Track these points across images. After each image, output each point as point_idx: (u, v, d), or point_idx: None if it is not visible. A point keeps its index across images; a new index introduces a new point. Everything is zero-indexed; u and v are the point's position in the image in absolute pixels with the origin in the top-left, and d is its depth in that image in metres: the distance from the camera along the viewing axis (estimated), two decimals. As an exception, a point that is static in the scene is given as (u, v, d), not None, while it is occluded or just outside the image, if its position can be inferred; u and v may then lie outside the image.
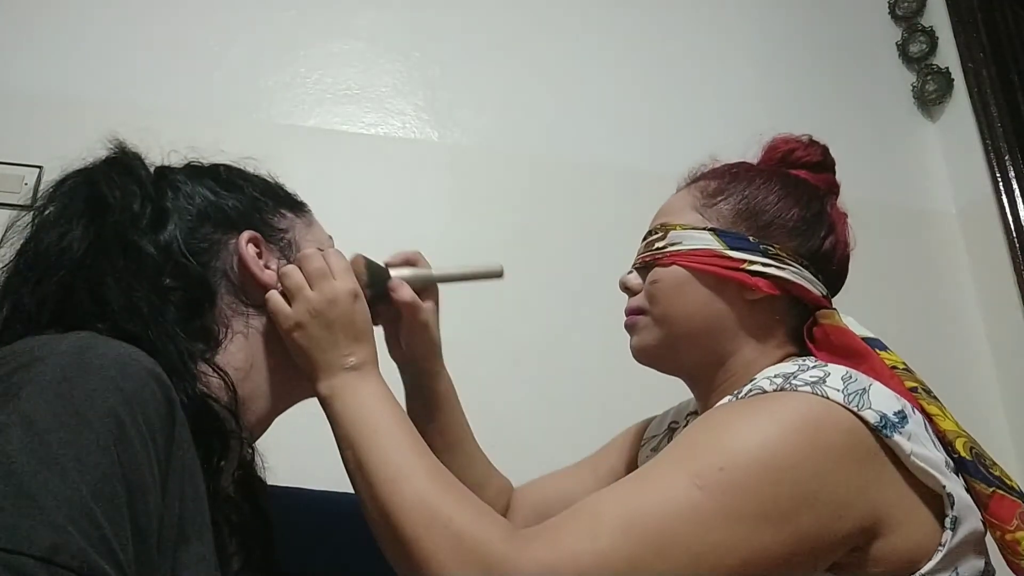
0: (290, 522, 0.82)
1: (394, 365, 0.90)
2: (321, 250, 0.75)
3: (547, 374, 1.56)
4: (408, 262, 0.87)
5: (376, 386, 0.73)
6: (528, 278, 1.63)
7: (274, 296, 0.72)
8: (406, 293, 0.83)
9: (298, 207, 0.82)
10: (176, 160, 0.79)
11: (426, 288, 0.87)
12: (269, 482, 0.82)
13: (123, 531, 0.46)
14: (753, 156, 0.92)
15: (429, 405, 0.90)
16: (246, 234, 0.73)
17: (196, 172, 0.77)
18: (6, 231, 0.67)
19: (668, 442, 0.95)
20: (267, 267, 0.74)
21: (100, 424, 0.47)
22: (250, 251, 0.73)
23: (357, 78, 1.70)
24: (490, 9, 1.85)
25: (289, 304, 0.72)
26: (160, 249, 0.67)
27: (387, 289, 0.82)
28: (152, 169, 0.75)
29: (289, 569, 0.81)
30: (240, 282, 0.72)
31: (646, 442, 0.98)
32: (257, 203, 0.77)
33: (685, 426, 0.94)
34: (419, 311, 0.84)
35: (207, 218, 0.72)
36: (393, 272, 0.84)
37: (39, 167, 1.43)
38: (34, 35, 1.54)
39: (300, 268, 0.73)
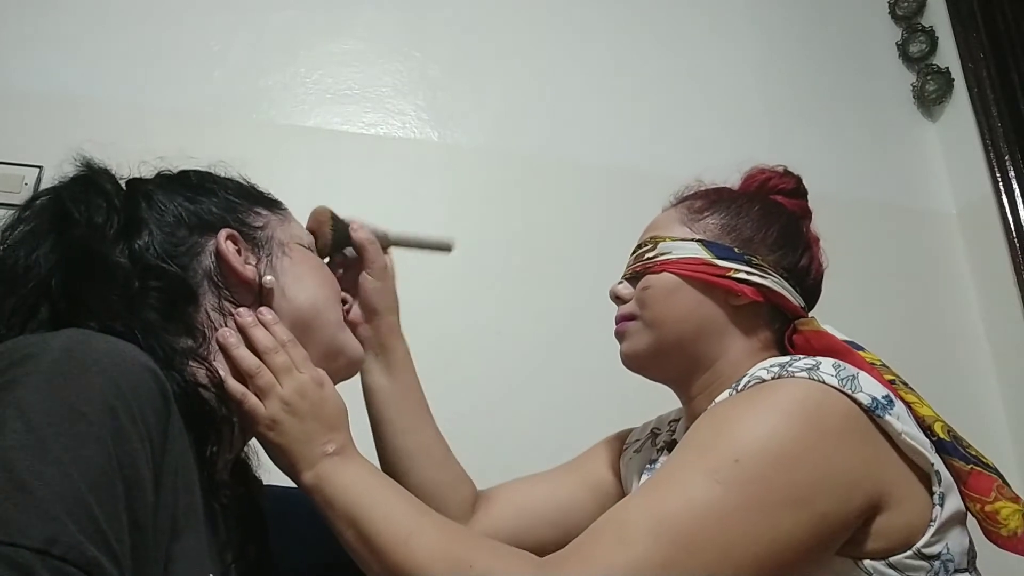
0: (288, 522, 0.82)
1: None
2: (284, 343, 0.74)
3: (546, 374, 1.56)
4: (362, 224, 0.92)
5: (362, 465, 0.74)
6: (527, 278, 1.63)
7: (249, 397, 0.71)
8: (366, 233, 0.89)
9: (273, 205, 0.83)
10: (147, 169, 0.80)
11: (385, 247, 0.92)
12: (268, 482, 0.82)
13: (119, 524, 0.46)
14: (732, 184, 0.97)
15: (388, 363, 0.91)
16: (223, 232, 0.74)
17: (167, 180, 0.78)
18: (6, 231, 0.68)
19: (651, 444, 0.98)
20: (247, 263, 0.74)
21: (96, 418, 0.48)
22: (229, 247, 0.73)
23: (357, 78, 1.70)
24: (490, 10, 1.85)
25: (262, 402, 0.72)
26: (132, 257, 0.68)
27: (347, 235, 0.88)
28: (124, 182, 0.76)
29: (287, 569, 0.81)
30: (222, 281, 0.73)
31: (628, 446, 1.01)
32: (231, 204, 0.78)
33: (669, 432, 0.97)
34: (379, 254, 0.90)
35: (182, 223, 0.73)
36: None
37: (39, 167, 1.43)
38: (34, 35, 1.54)
39: (265, 363, 0.72)
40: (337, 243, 0.88)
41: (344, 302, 0.86)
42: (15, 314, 0.62)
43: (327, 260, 0.89)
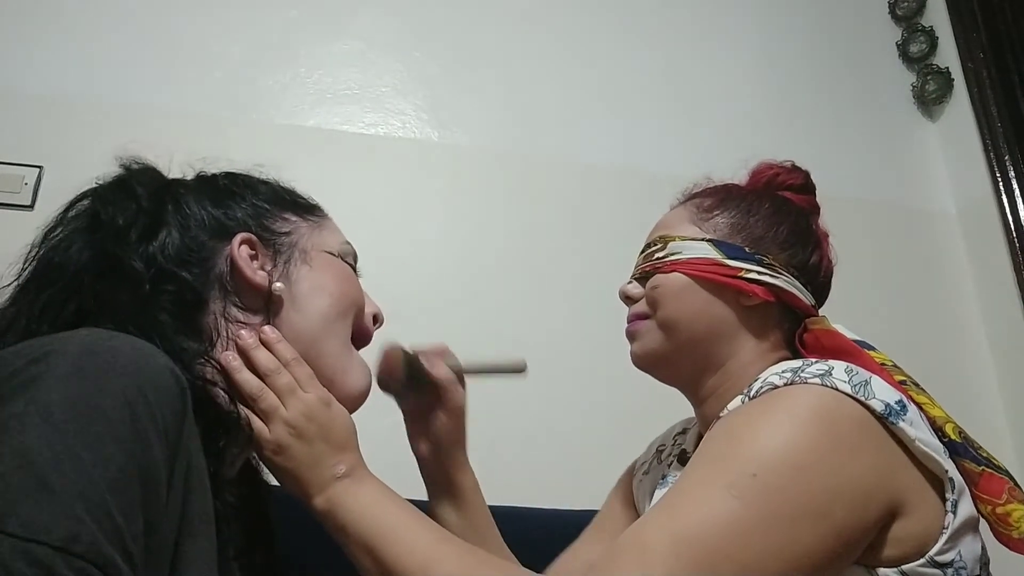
0: (294, 524, 0.81)
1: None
2: (290, 360, 0.73)
3: (547, 374, 1.55)
4: (436, 353, 0.86)
5: (374, 486, 0.73)
6: (528, 278, 1.63)
7: (253, 421, 0.70)
8: (444, 371, 0.83)
9: (306, 210, 0.82)
10: (199, 162, 0.81)
11: (459, 377, 0.86)
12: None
13: (135, 524, 0.47)
14: (740, 180, 0.96)
15: (456, 499, 0.86)
16: (239, 236, 0.74)
17: (200, 183, 0.79)
18: (34, 249, 0.71)
19: (657, 463, 0.97)
20: (262, 269, 0.74)
21: (115, 416, 0.48)
22: (243, 252, 0.73)
23: (357, 78, 1.70)
24: (490, 10, 1.85)
25: (267, 426, 0.71)
26: (146, 260, 0.69)
27: (423, 372, 0.82)
28: (161, 182, 0.77)
29: (293, 571, 0.80)
30: (233, 286, 0.73)
31: (636, 472, 1.00)
32: (256, 209, 0.78)
33: (675, 445, 0.97)
34: (457, 391, 0.84)
35: (202, 227, 0.74)
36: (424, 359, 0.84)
37: (39, 167, 1.43)
38: (34, 35, 1.54)
39: (268, 385, 0.71)
40: (412, 381, 0.83)
41: (376, 320, 0.84)
42: (46, 310, 0.65)
43: (398, 396, 0.86)
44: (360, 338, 0.81)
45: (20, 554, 0.40)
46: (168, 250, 0.71)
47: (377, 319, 0.84)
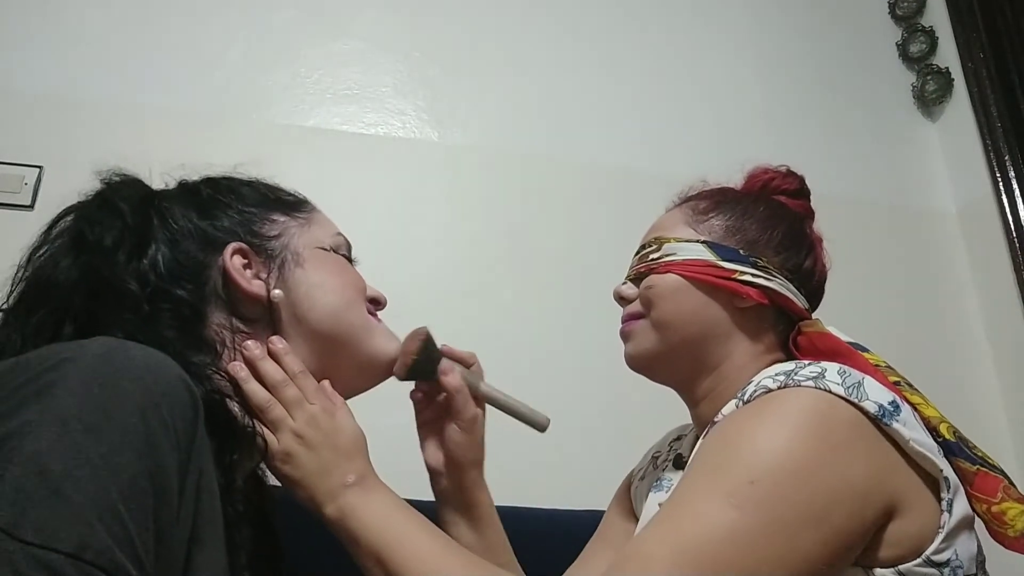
0: (299, 526, 0.81)
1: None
2: (297, 372, 0.73)
3: (546, 374, 1.56)
4: (463, 361, 0.85)
5: (385, 495, 0.73)
6: (527, 278, 1.63)
7: (265, 432, 0.71)
8: (456, 380, 0.81)
9: (293, 207, 0.81)
10: (178, 168, 0.80)
11: (474, 396, 0.84)
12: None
13: (147, 532, 0.47)
14: (735, 183, 0.96)
15: (472, 519, 0.84)
16: (230, 247, 0.73)
17: (183, 193, 0.77)
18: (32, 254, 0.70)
19: (653, 468, 0.97)
20: (257, 277, 0.74)
21: (130, 425, 0.48)
22: (235, 263, 0.73)
23: (357, 78, 1.70)
24: (490, 10, 1.85)
25: (275, 436, 0.72)
26: (138, 278, 0.68)
27: (434, 368, 0.81)
28: (144, 195, 0.76)
29: (297, 573, 0.80)
30: (231, 298, 0.72)
31: (633, 479, 1.00)
32: (244, 215, 0.77)
33: (671, 449, 0.97)
34: (467, 404, 0.81)
35: (191, 240, 0.73)
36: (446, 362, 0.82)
37: (39, 167, 1.43)
38: (34, 35, 1.54)
39: (275, 397, 0.72)
40: (417, 373, 0.81)
41: (376, 302, 0.83)
42: (40, 331, 0.64)
43: (413, 386, 0.85)
44: None
45: (32, 561, 0.41)
46: (160, 268, 0.70)
47: (378, 302, 0.83)
